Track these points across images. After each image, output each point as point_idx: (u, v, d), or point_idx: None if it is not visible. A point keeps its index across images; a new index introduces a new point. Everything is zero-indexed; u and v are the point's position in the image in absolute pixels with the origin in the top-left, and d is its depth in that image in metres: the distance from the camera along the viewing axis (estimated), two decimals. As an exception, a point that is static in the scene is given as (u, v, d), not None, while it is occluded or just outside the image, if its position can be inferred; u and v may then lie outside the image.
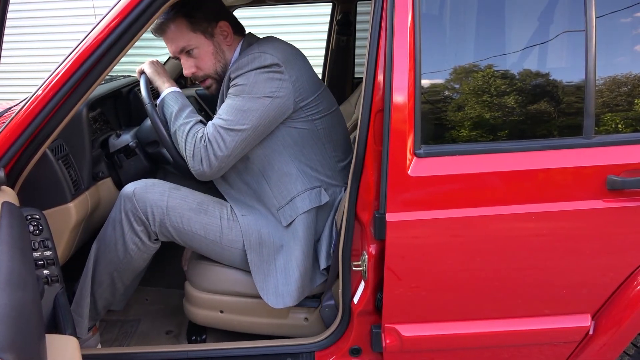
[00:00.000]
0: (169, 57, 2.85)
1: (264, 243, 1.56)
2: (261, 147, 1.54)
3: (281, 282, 1.53)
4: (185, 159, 1.50)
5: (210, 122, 1.48)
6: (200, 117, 1.53)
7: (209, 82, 1.63)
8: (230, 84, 1.49)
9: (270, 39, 1.59)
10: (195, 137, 1.47)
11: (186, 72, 1.60)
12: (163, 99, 1.54)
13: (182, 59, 1.60)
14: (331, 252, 1.59)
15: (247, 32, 1.67)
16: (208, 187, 1.92)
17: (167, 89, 1.56)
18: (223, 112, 1.47)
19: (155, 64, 1.65)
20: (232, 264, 1.60)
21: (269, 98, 1.45)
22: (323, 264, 1.59)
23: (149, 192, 1.52)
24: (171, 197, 1.53)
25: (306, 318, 1.64)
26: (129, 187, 1.53)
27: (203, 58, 1.58)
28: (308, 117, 1.55)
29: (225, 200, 1.65)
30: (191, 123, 1.49)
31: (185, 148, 1.48)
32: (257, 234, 1.56)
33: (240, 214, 1.59)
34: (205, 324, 1.69)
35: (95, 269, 1.58)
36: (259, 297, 1.59)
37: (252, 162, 1.57)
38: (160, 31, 1.57)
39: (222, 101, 1.55)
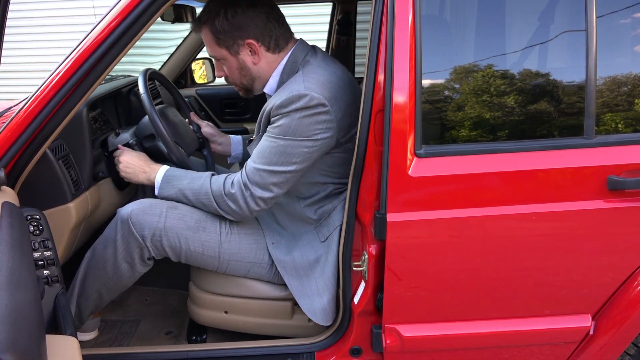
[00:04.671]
0: (168, 58, 2.85)
1: (298, 266, 1.54)
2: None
3: (326, 299, 1.51)
4: (220, 213, 1.49)
5: (250, 165, 1.44)
6: (208, 173, 1.52)
7: (237, 88, 1.64)
8: (272, 120, 1.42)
9: (317, 67, 1.47)
10: (224, 186, 1.45)
11: (216, 74, 1.61)
12: (162, 181, 1.54)
13: (214, 62, 1.60)
14: None
15: (296, 41, 1.56)
16: None
17: (159, 172, 1.55)
18: (265, 152, 1.41)
19: (127, 160, 1.62)
20: (229, 273, 1.59)
21: (312, 140, 1.40)
22: None
23: (146, 213, 1.50)
24: (169, 217, 1.50)
25: (310, 319, 1.64)
26: (126, 209, 1.52)
27: (229, 70, 1.57)
28: (347, 148, 1.50)
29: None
30: (203, 177, 1.50)
31: (216, 202, 1.47)
32: (291, 259, 1.55)
33: (270, 242, 1.58)
34: (210, 324, 1.69)
35: (84, 281, 1.58)
36: (263, 298, 1.60)
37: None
38: (196, 31, 1.57)
39: (259, 128, 1.51)
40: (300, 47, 1.54)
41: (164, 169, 1.57)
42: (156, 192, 1.56)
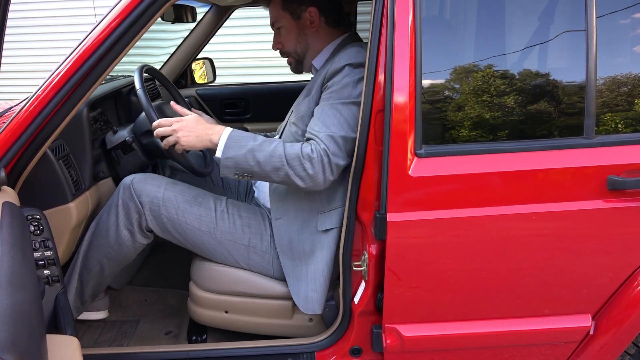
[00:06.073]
0: (168, 58, 2.85)
1: (294, 248, 1.56)
2: None
3: (311, 288, 1.53)
4: (290, 179, 1.40)
5: (323, 132, 1.40)
6: (279, 139, 1.50)
7: (290, 59, 1.70)
8: (329, 84, 1.46)
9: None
10: (302, 149, 1.39)
11: (273, 46, 1.69)
12: (229, 139, 1.44)
13: (274, 32, 1.68)
14: None
15: (350, 31, 1.64)
16: (204, 182, 1.93)
17: (224, 133, 1.46)
18: (333, 119, 1.41)
19: (185, 126, 1.49)
20: (227, 261, 1.60)
21: (356, 104, 1.41)
22: None
23: (147, 183, 1.58)
24: (168, 189, 1.58)
25: (310, 319, 1.64)
26: (128, 178, 1.59)
27: (287, 37, 1.64)
28: None
29: (222, 195, 1.67)
30: (276, 141, 1.43)
31: (290, 164, 1.39)
32: (288, 239, 1.56)
33: (274, 217, 1.59)
34: (210, 324, 1.69)
35: (87, 252, 1.61)
36: (263, 297, 1.60)
37: None
38: (265, 2, 1.67)
39: (306, 96, 1.55)
40: (353, 36, 1.64)
41: (228, 129, 1.49)
42: (219, 153, 1.43)
